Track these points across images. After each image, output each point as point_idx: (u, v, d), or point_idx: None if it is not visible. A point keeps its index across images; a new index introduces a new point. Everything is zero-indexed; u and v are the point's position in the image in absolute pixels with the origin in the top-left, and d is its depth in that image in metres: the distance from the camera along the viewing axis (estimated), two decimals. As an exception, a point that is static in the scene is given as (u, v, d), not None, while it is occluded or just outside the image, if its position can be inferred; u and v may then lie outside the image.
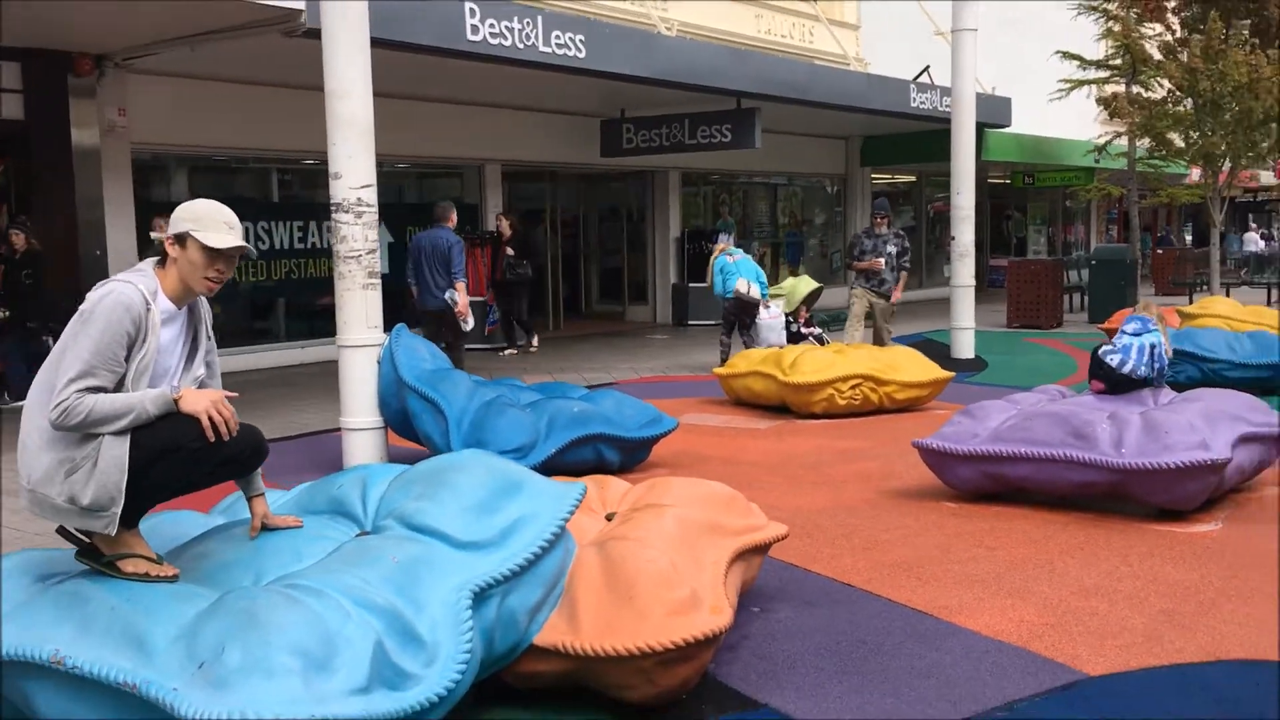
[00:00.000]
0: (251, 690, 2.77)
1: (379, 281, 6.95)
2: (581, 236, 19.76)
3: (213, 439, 3.14)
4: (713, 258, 11.40)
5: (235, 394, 3.32)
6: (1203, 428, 5.70)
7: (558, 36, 11.33)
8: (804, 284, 11.64)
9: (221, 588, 3.22)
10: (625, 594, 3.55)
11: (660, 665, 3.43)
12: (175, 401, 3.16)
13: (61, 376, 3.09)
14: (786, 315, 11.43)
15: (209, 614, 3.00)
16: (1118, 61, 21.07)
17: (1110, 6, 21.04)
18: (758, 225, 21.31)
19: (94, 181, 10.98)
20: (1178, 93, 18.03)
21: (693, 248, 18.51)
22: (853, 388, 9.00)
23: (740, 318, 11.59)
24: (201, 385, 3.40)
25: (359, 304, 6.86)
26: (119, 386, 3.16)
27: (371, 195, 6.86)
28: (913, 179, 25.01)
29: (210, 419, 3.13)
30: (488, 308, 14.36)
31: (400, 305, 10.65)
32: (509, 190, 16.43)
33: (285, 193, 13.78)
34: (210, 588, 3.23)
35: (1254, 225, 36.80)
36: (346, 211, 6.78)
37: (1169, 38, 18.92)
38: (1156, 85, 19.46)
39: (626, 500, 4.43)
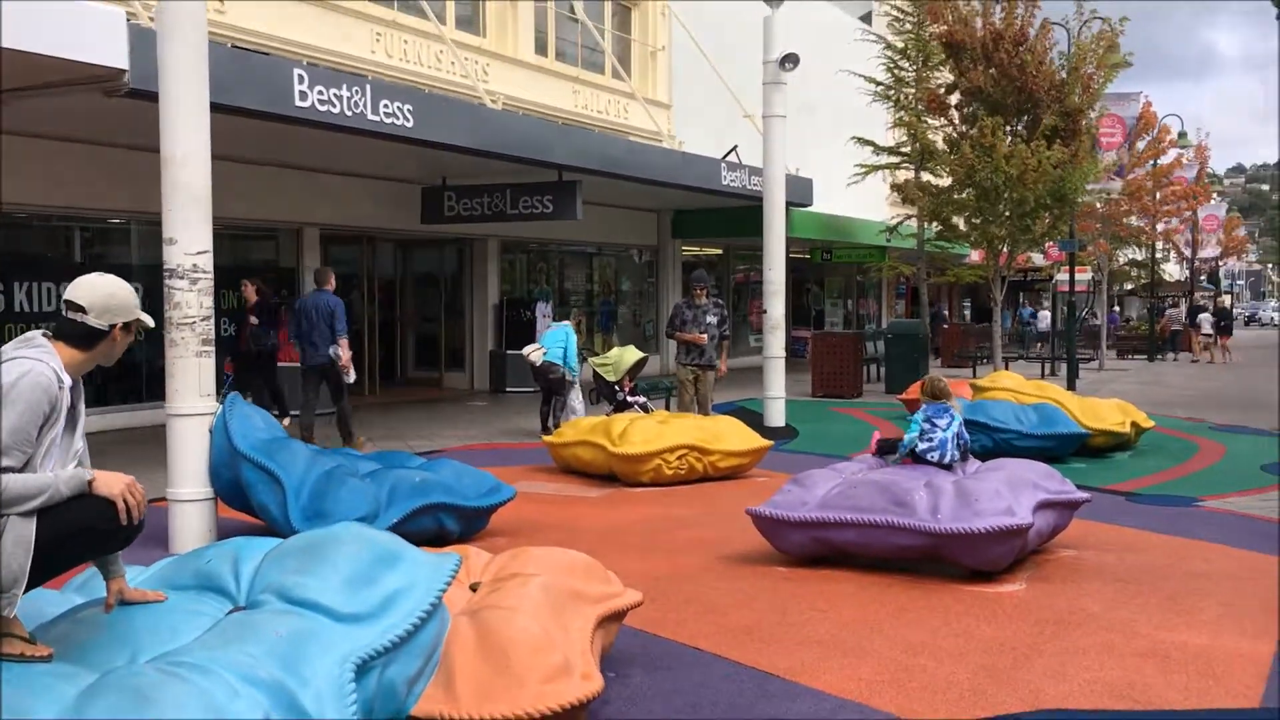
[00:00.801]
0: (145, 769, 2.76)
1: (213, 349, 6.84)
2: (398, 302, 19.63)
3: (125, 522, 3.10)
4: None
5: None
6: (1007, 495, 6.22)
7: (386, 105, 11.39)
8: (629, 354, 11.97)
9: (99, 667, 3.16)
10: (500, 662, 3.66)
11: (536, 731, 3.54)
12: (89, 483, 3.11)
13: None
14: (613, 384, 11.71)
15: (93, 693, 2.95)
16: (908, 149, 22.62)
17: (901, 97, 22.64)
18: (574, 294, 21.69)
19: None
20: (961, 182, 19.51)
21: (511, 314, 18.67)
22: (679, 457, 9.32)
23: (549, 386, 11.97)
24: (78, 458, 3.35)
25: (192, 372, 6.72)
26: (27, 464, 3.09)
27: (207, 262, 6.76)
28: (719, 251, 25.97)
29: (125, 502, 3.10)
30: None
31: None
32: (326, 254, 16.22)
33: (90, 252, 13.22)
34: (86, 667, 3.17)
35: (1045, 304, 39.74)
36: (181, 278, 6.67)
37: (951, 131, 20.45)
38: (943, 173, 20.96)
39: (489, 570, 4.53)
